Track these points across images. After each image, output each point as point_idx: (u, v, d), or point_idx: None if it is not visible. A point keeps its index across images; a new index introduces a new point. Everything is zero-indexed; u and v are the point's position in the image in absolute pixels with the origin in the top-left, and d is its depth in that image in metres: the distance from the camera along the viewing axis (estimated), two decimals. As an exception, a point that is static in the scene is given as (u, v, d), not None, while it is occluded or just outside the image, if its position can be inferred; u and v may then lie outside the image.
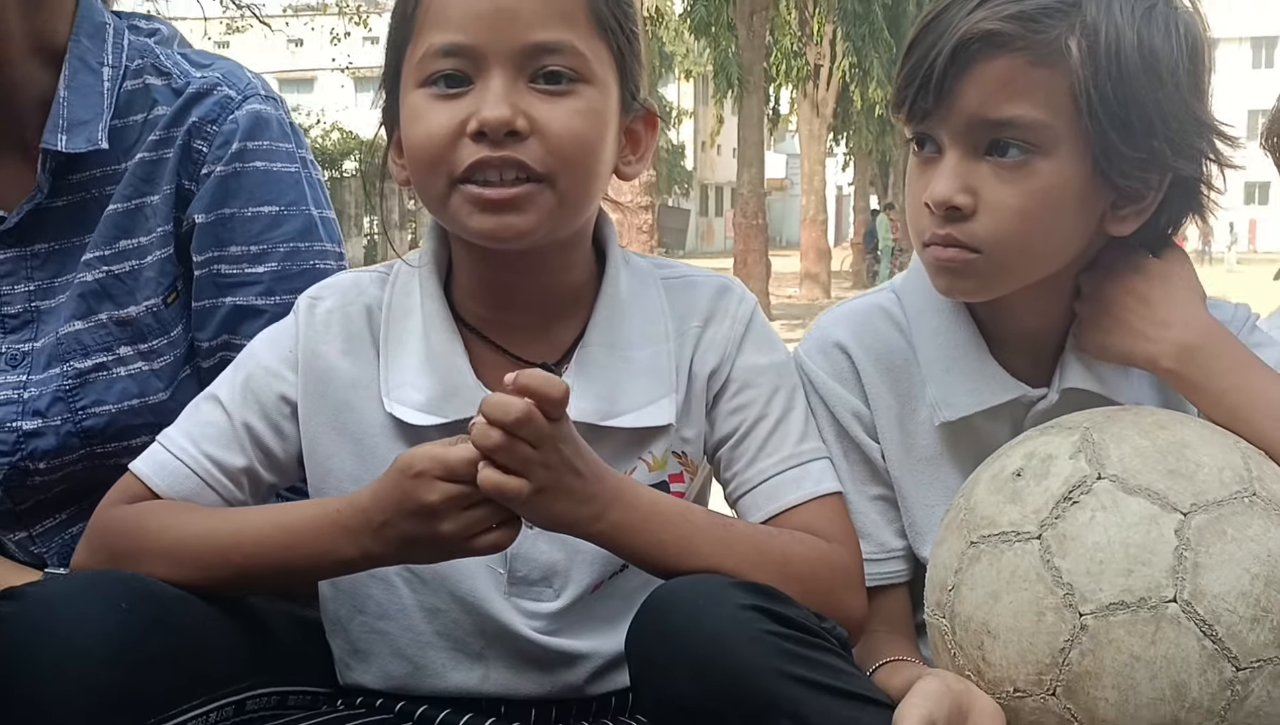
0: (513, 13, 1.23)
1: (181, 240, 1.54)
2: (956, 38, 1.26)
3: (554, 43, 1.24)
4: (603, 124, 1.28)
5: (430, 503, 1.14)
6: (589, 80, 1.26)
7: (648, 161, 1.38)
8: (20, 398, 1.52)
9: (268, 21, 18.34)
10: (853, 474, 1.42)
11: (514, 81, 1.23)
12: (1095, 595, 1.12)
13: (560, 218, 1.27)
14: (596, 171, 1.29)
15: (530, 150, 1.23)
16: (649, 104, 1.36)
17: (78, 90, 1.51)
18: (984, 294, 1.36)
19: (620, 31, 1.30)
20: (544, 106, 1.24)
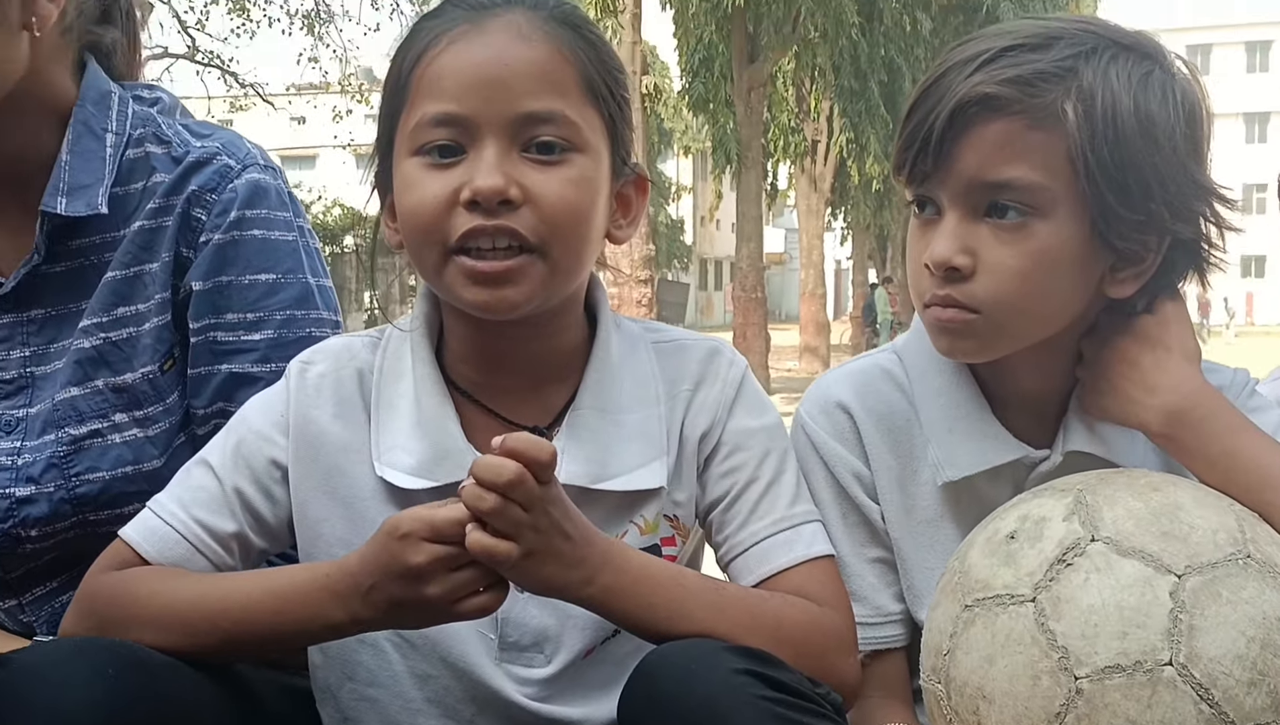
0: (505, 83, 1.25)
1: (179, 308, 1.55)
2: (955, 101, 1.28)
3: (546, 112, 1.25)
4: (595, 191, 1.29)
5: (417, 565, 1.14)
6: (581, 149, 1.27)
7: (638, 225, 1.39)
8: (14, 464, 1.51)
9: (271, 100, 18.59)
10: (851, 536, 1.42)
11: (507, 151, 1.25)
12: (1090, 658, 1.11)
13: (553, 287, 1.28)
14: (588, 239, 1.30)
15: (523, 219, 1.24)
16: (639, 169, 1.38)
17: (80, 155, 1.52)
18: (984, 355, 1.36)
19: (611, 99, 1.31)
20: (537, 176, 1.25)
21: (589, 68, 1.29)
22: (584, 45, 1.30)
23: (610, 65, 1.33)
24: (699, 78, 18.16)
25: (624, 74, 1.36)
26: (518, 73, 1.25)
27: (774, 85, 19.31)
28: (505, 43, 1.26)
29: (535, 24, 1.28)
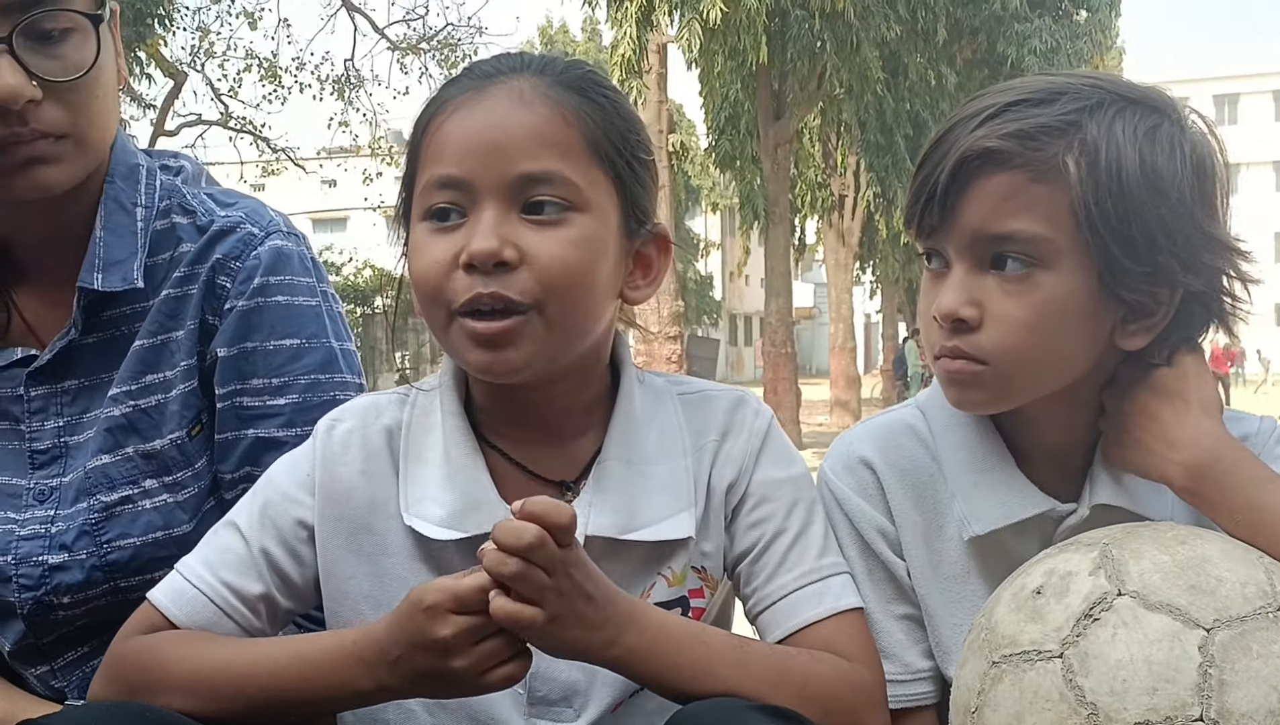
0: (502, 147, 1.27)
1: (205, 374, 1.57)
2: (959, 155, 1.30)
3: (543, 173, 1.26)
4: (596, 252, 1.29)
5: (442, 638, 1.14)
6: (581, 208, 1.28)
7: (659, 284, 1.39)
8: (47, 532, 1.53)
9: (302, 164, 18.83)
10: (878, 592, 1.41)
11: (505, 213, 1.26)
12: (1120, 715, 1.10)
13: (554, 347, 1.28)
14: (589, 299, 1.30)
15: (518, 281, 1.25)
16: (660, 228, 1.38)
17: (113, 231, 1.55)
18: (994, 406, 1.36)
19: (620, 158, 1.32)
20: (533, 236, 1.26)
21: (594, 129, 1.30)
22: (590, 108, 1.31)
23: (621, 127, 1.33)
24: (725, 135, 18.29)
25: (639, 135, 1.36)
26: (515, 136, 1.27)
27: (800, 141, 19.42)
28: (506, 108, 1.28)
29: (539, 89, 1.30)
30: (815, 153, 20.99)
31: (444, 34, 17.12)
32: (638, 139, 1.35)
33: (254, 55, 17.90)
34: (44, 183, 1.46)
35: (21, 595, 1.52)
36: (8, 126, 1.41)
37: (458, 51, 16.86)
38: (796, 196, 20.52)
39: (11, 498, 1.55)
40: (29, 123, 1.42)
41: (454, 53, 16.88)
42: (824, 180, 21.37)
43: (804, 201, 21.27)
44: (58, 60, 1.43)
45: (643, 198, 1.35)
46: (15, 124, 1.41)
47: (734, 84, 17.39)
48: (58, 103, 1.43)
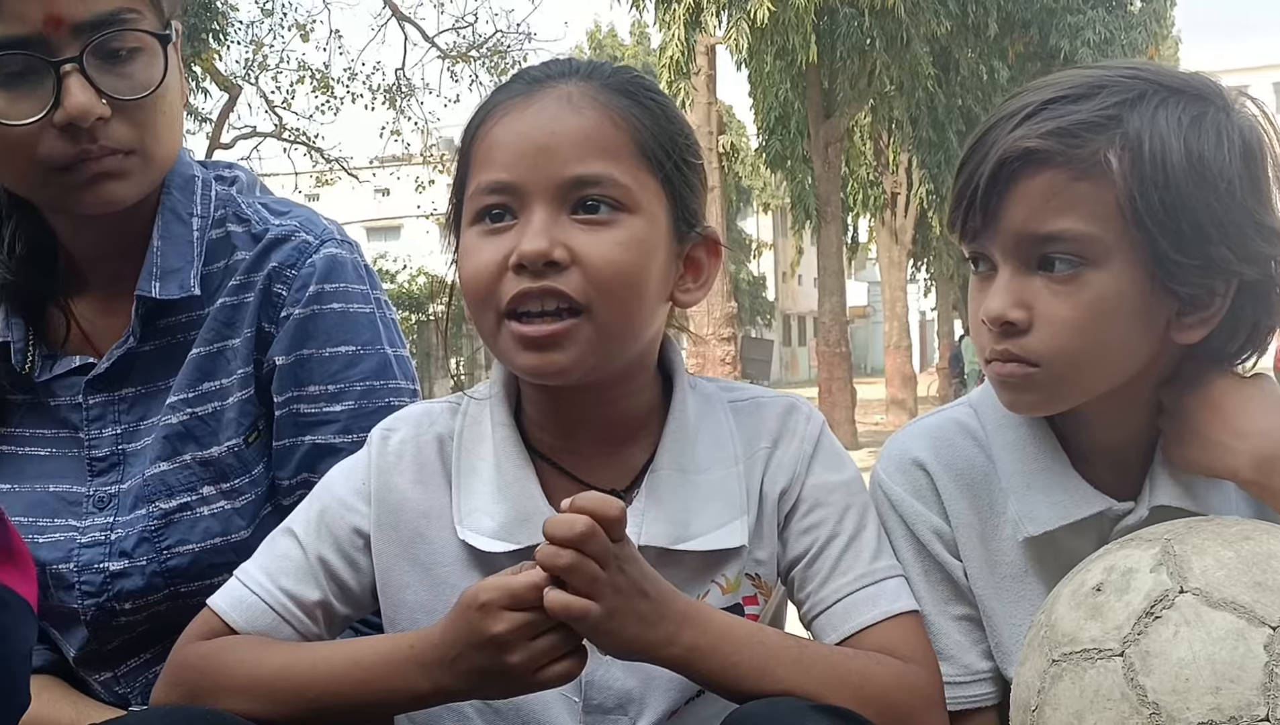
0: (552, 150, 1.27)
1: (262, 382, 1.58)
2: (998, 156, 1.28)
3: (593, 176, 1.27)
4: (646, 253, 1.29)
5: (497, 634, 1.15)
6: (632, 210, 1.28)
7: (709, 288, 1.39)
8: (107, 539, 1.55)
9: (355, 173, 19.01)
10: (934, 594, 1.40)
11: (555, 214, 1.26)
12: (1183, 714, 1.08)
13: (603, 350, 1.28)
14: (640, 300, 1.30)
15: (570, 280, 1.25)
16: (709, 231, 1.37)
17: (170, 240, 1.57)
18: (1048, 408, 1.35)
19: (669, 161, 1.32)
20: (584, 237, 1.26)
21: (642, 132, 1.30)
22: (639, 111, 1.31)
23: (670, 130, 1.33)
24: (775, 135, 18.23)
25: (688, 139, 1.36)
26: (564, 140, 1.27)
27: (851, 139, 19.33)
28: (554, 112, 1.29)
29: (587, 93, 1.30)
30: (866, 151, 20.87)
31: (493, 41, 17.22)
32: (686, 142, 1.35)
33: (307, 67, 18.09)
34: (111, 198, 1.49)
35: (84, 602, 1.55)
36: (77, 144, 1.44)
37: (507, 58, 16.94)
38: (848, 195, 20.41)
39: (72, 505, 1.58)
40: (97, 140, 1.45)
41: (503, 59, 16.96)
42: (876, 178, 21.24)
43: (856, 200, 21.15)
44: (126, 79, 1.46)
45: (691, 200, 1.35)
46: (85, 141, 1.45)
47: (783, 83, 17.33)
48: (125, 120, 1.47)
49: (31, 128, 1.43)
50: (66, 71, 1.42)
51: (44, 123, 1.43)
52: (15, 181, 1.52)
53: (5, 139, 1.44)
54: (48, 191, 1.50)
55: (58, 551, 1.55)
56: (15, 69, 1.42)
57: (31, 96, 1.43)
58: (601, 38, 36.84)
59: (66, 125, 1.43)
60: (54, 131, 1.44)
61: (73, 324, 1.61)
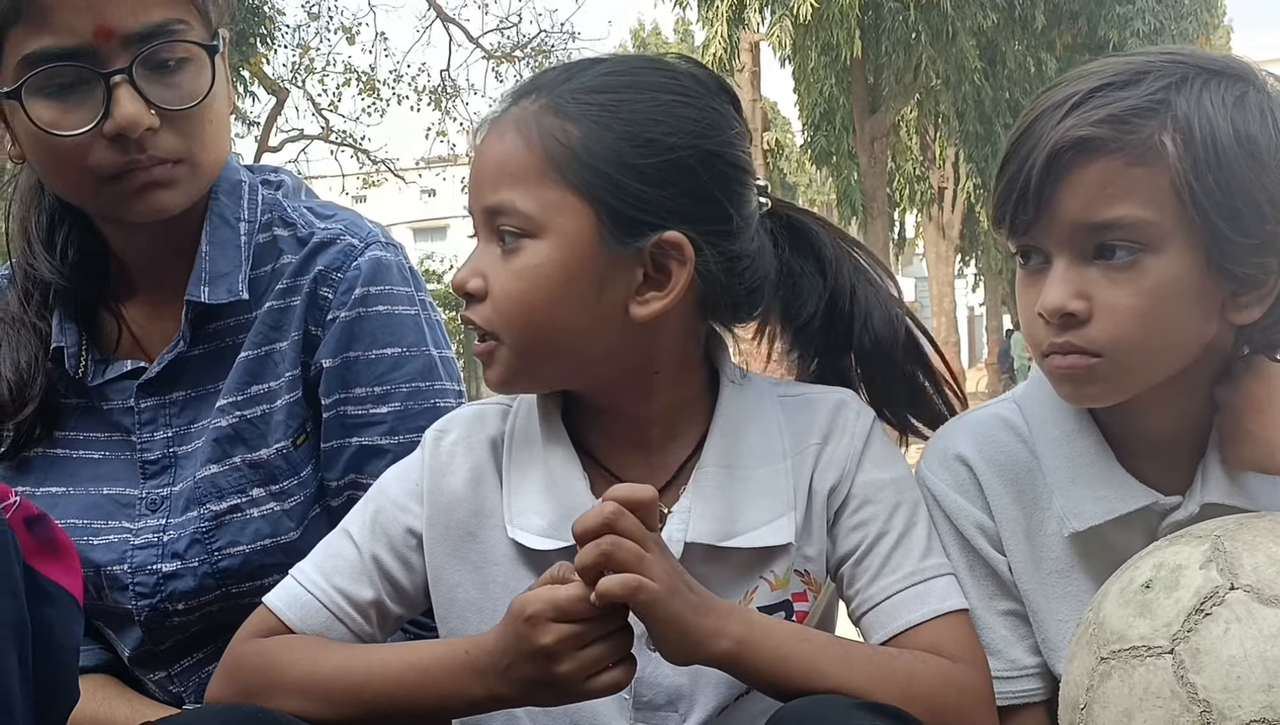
0: (477, 180, 1.32)
1: (309, 384, 1.60)
2: (1050, 147, 1.26)
3: (497, 205, 1.29)
4: (547, 277, 1.28)
5: (546, 645, 1.15)
6: (534, 234, 1.28)
7: (674, 295, 1.30)
8: (160, 541, 1.58)
9: (401, 174, 19.14)
10: (979, 589, 1.39)
11: (487, 243, 1.32)
12: (1234, 713, 1.07)
13: (528, 367, 1.32)
14: (547, 323, 1.29)
15: (481, 311, 1.31)
16: (669, 237, 1.28)
17: (218, 245, 1.59)
18: (1111, 398, 1.33)
19: (597, 173, 1.27)
20: (496, 267, 1.30)
21: (561, 149, 1.27)
22: (574, 124, 1.27)
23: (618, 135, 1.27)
24: (820, 131, 18.17)
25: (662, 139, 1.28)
26: (483, 169, 1.32)
27: (897, 134, 19.24)
28: (488, 141, 1.33)
29: (522, 115, 1.30)
30: (913, 145, 20.76)
31: (537, 41, 17.27)
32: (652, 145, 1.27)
33: (353, 69, 18.24)
34: (160, 206, 1.51)
35: (138, 603, 1.57)
36: (126, 154, 1.47)
37: (551, 58, 16.98)
38: (894, 190, 20.31)
39: (125, 507, 1.60)
40: (146, 150, 1.47)
41: (547, 59, 17.00)
42: (922, 173, 21.12)
43: (902, 195, 21.05)
44: (174, 89, 1.49)
45: (630, 209, 1.27)
46: (134, 151, 1.47)
47: (828, 79, 17.27)
48: (173, 130, 1.49)
49: (82, 138, 1.46)
50: (116, 82, 1.45)
51: (94, 133, 1.46)
52: (67, 190, 1.55)
53: (56, 149, 1.47)
54: (98, 200, 1.53)
55: (112, 553, 1.58)
56: (66, 80, 1.45)
57: (81, 107, 1.46)
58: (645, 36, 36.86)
59: (116, 135, 1.45)
60: (104, 141, 1.46)
61: (124, 328, 1.63)
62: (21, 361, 1.59)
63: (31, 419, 1.59)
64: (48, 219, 1.62)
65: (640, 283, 1.30)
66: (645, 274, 1.29)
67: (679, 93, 1.31)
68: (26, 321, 1.61)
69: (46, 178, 1.55)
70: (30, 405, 1.58)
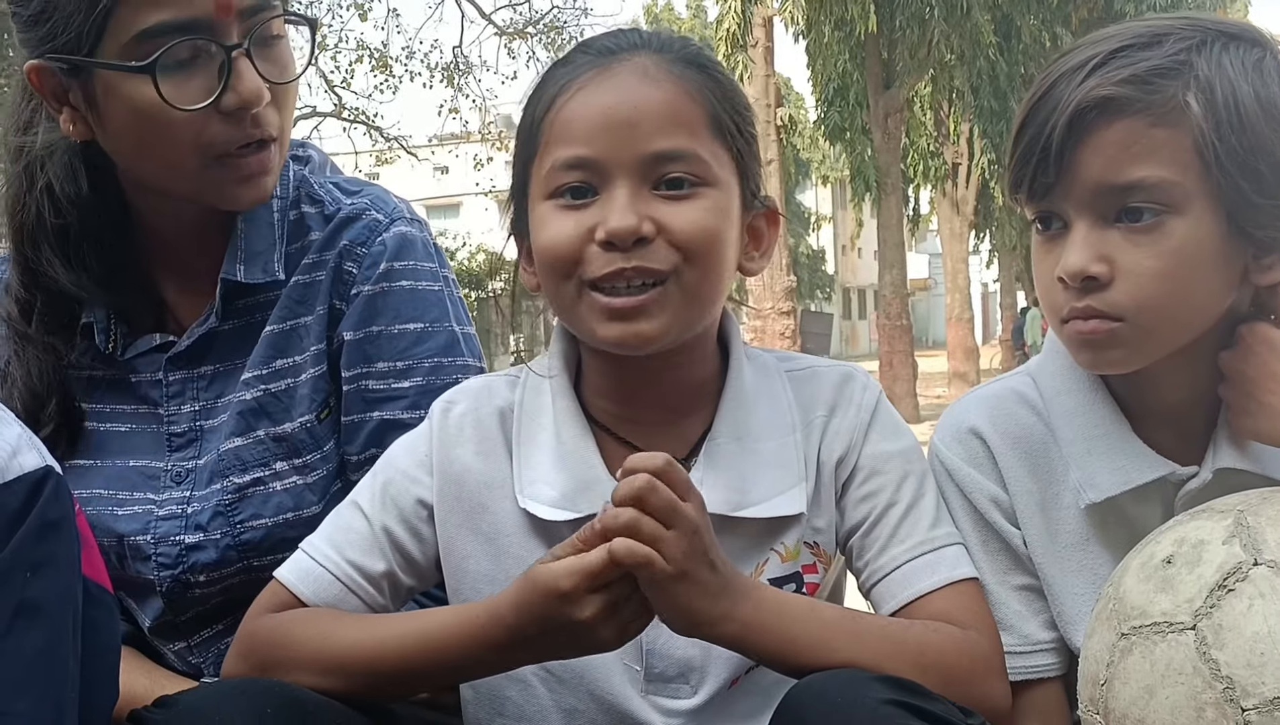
0: (633, 125, 1.28)
1: (333, 358, 1.60)
2: (1072, 108, 1.26)
3: (675, 151, 1.28)
4: (726, 222, 1.31)
5: (587, 619, 1.17)
6: (711, 183, 1.30)
7: (770, 256, 1.42)
8: (184, 512, 1.58)
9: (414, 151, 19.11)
10: (993, 563, 1.40)
11: (638, 190, 1.27)
12: (1258, 689, 1.07)
13: (686, 316, 1.30)
14: (722, 267, 1.32)
15: (657, 253, 1.27)
16: (770, 202, 1.40)
17: (253, 222, 1.60)
18: (1131, 363, 1.33)
19: (739, 134, 1.34)
20: (669, 210, 1.28)
21: (716, 106, 1.32)
22: (711, 84, 1.33)
23: (736, 102, 1.35)
24: (834, 107, 18.09)
25: (749, 110, 1.39)
26: (645, 114, 1.28)
27: (911, 110, 19.11)
28: (632, 86, 1.29)
29: (661, 66, 1.31)
30: (927, 121, 20.63)
31: (549, 17, 17.19)
32: (750, 115, 1.38)
33: (365, 46, 18.17)
34: (264, 192, 1.53)
35: (160, 573, 1.58)
36: (241, 129, 1.47)
37: (564, 34, 16.92)
38: (908, 166, 20.20)
39: (150, 479, 1.61)
40: (259, 125, 1.48)
41: (560, 35, 16.94)
42: (936, 149, 21.00)
43: (916, 171, 20.93)
44: (277, 64, 1.50)
45: (755, 172, 1.37)
46: (248, 126, 1.47)
47: (842, 54, 17.17)
48: (274, 105, 1.50)
49: (198, 114, 1.44)
50: (236, 56, 1.44)
51: (211, 109, 1.45)
52: (163, 168, 1.51)
53: (170, 124, 1.45)
54: (201, 180, 1.50)
55: (136, 523, 1.59)
56: (183, 55, 1.44)
57: (197, 81, 1.44)
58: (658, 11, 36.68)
59: (236, 109, 1.45)
60: (218, 117, 1.45)
61: (154, 303, 1.63)
62: (34, 378, 1.58)
63: (53, 434, 1.57)
64: (59, 224, 1.57)
65: (745, 243, 1.38)
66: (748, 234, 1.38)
67: None
68: (32, 336, 1.59)
69: (146, 158, 1.51)
70: (47, 427, 1.57)
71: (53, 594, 1.11)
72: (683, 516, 1.16)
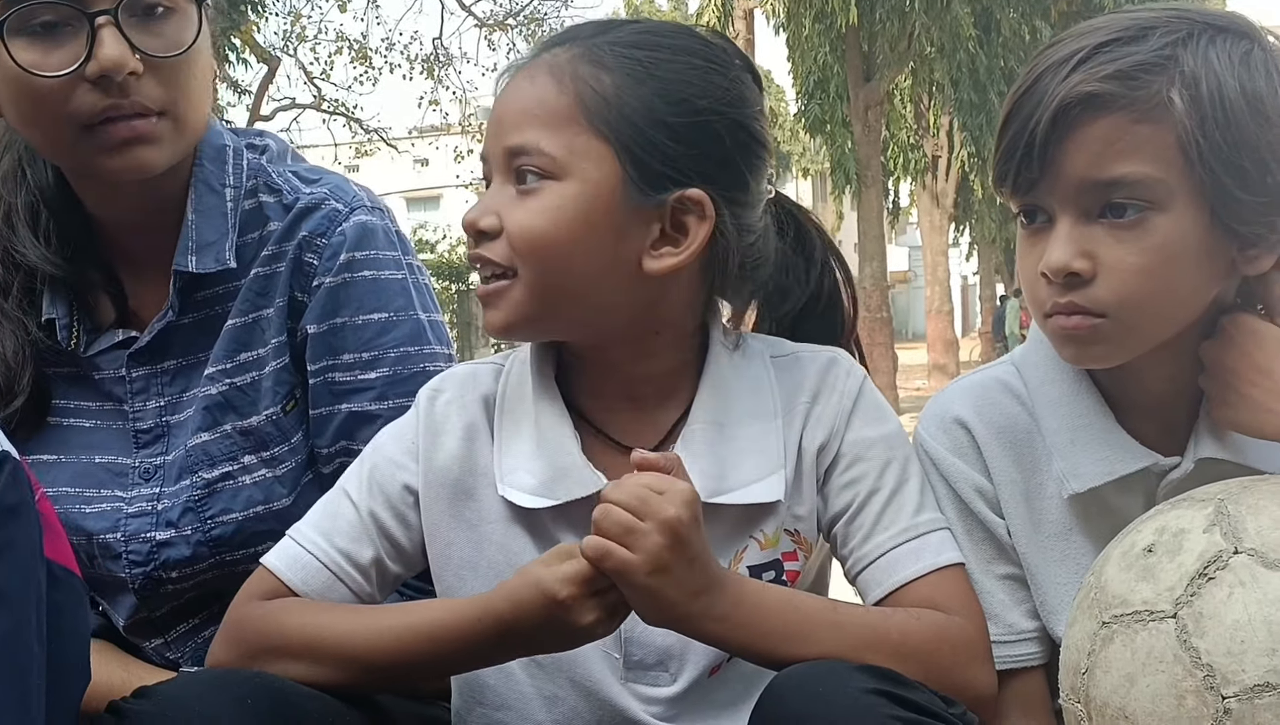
0: (499, 120, 1.33)
1: (297, 350, 1.58)
2: (1056, 103, 1.25)
3: (520, 145, 1.30)
4: (570, 218, 1.28)
5: (589, 624, 1.19)
6: (558, 176, 1.28)
7: (690, 253, 1.31)
8: (154, 509, 1.57)
9: (394, 143, 19.07)
10: (977, 553, 1.39)
11: (501, 184, 1.32)
12: (1238, 677, 1.07)
13: (536, 308, 1.31)
14: (566, 263, 1.29)
15: (495, 248, 1.30)
16: (691, 193, 1.30)
17: (204, 213, 1.57)
18: (1115, 358, 1.32)
19: (629, 125, 1.28)
20: (512, 206, 1.30)
21: (595, 97, 1.28)
22: (607, 75, 1.29)
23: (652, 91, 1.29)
24: (814, 99, 18.07)
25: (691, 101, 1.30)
26: (509, 110, 1.32)
27: (891, 103, 19.15)
28: (515, 84, 1.33)
29: (556, 61, 1.31)
30: (907, 114, 20.67)
31: (529, 9, 17.18)
32: (685, 104, 1.30)
33: (344, 37, 18.14)
34: (141, 162, 1.48)
35: (132, 571, 1.56)
36: (109, 97, 1.44)
37: (544, 26, 16.90)
38: (889, 159, 20.25)
39: (118, 476, 1.59)
40: (129, 95, 1.45)
41: (540, 27, 16.92)
42: (916, 142, 21.07)
43: (896, 164, 20.98)
44: (159, 37, 1.46)
45: (657, 162, 1.29)
46: (116, 95, 1.44)
47: (822, 47, 17.17)
48: (156, 79, 1.46)
49: (63, 81, 1.43)
50: (101, 24, 1.42)
51: (75, 77, 1.43)
52: (44, 141, 1.51)
53: (36, 92, 1.44)
54: (76, 153, 1.49)
55: (105, 522, 1.57)
56: (49, 18, 1.42)
57: (63, 48, 1.43)
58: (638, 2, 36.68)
59: (99, 78, 1.43)
60: (85, 85, 1.43)
61: (115, 299, 1.61)
62: (8, 353, 1.56)
63: (23, 409, 1.56)
64: (29, 202, 1.58)
65: (656, 237, 1.31)
66: (662, 230, 1.31)
67: (712, 60, 1.33)
68: (8, 311, 1.58)
69: (27, 129, 1.51)
70: (20, 397, 1.56)
71: (14, 580, 1.10)
72: (655, 510, 1.16)
